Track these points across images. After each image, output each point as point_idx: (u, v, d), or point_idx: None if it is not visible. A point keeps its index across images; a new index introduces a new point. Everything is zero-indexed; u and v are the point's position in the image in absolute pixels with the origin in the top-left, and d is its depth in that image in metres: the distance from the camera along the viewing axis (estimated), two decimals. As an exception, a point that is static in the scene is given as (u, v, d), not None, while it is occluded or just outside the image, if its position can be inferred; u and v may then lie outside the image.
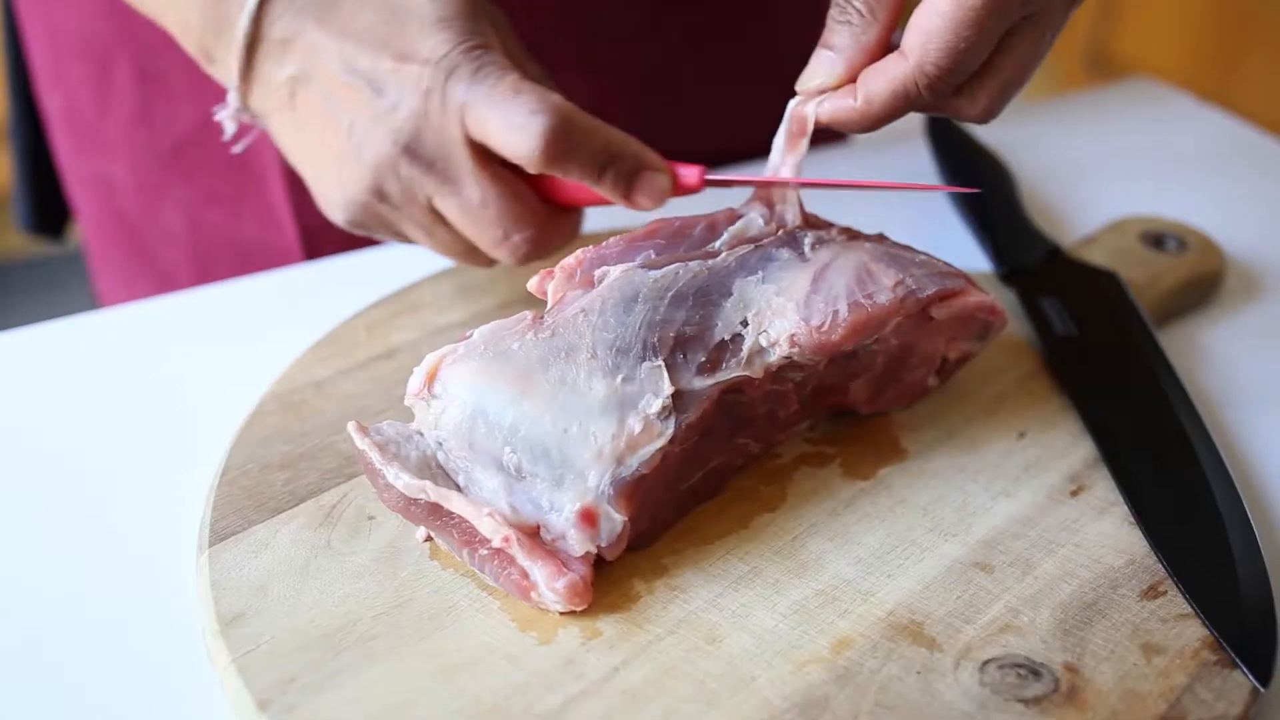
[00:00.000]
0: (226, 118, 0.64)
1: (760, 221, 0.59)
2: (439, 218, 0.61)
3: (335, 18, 0.59)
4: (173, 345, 0.68)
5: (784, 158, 0.59)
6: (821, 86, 0.57)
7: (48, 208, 0.98)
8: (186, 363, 0.67)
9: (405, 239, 0.63)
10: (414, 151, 0.58)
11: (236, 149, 0.70)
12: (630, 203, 0.60)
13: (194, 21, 0.62)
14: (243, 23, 0.60)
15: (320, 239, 0.82)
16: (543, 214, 0.61)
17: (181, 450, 0.61)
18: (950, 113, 0.58)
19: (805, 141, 0.58)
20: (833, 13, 0.57)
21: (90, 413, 0.63)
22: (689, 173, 0.60)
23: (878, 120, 0.57)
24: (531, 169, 0.57)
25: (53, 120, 0.89)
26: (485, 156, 0.59)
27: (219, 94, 0.74)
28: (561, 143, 0.56)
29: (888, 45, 0.57)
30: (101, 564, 0.55)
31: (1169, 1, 2.53)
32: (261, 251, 0.84)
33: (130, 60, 0.80)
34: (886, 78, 0.55)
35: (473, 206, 0.59)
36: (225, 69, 0.62)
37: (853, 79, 0.57)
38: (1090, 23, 2.60)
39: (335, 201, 0.62)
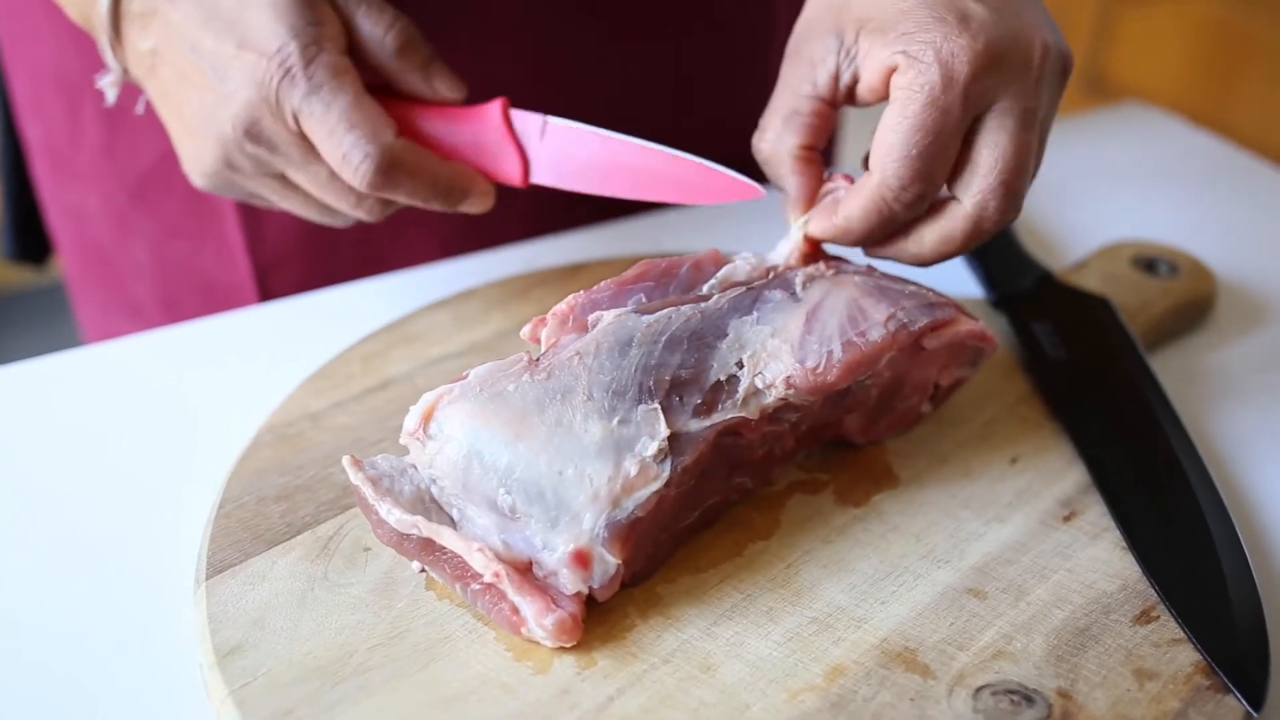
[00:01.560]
0: (107, 84, 0.67)
1: (746, 267, 0.60)
2: (291, 184, 0.63)
3: (178, 2, 0.61)
4: (169, 378, 0.69)
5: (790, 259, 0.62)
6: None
7: (31, 236, 0.98)
8: (181, 396, 0.67)
9: (266, 201, 0.66)
10: (254, 135, 0.61)
11: (138, 109, 0.71)
12: (430, 87, 0.64)
13: (70, 6, 0.65)
14: (103, 4, 0.63)
15: (273, 275, 0.82)
16: (390, 135, 0.61)
17: (178, 483, 0.61)
18: (964, 230, 0.58)
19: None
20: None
21: (87, 446, 0.64)
22: (510, 168, 0.64)
23: (862, 237, 0.59)
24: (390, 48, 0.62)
25: (33, 150, 0.90)
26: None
27: None
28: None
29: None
30: (97, 597, 0.55)
31: (1165, 25, 2.54)
32: (220, 286, 0.85)
33: (95, 93, 0.81)
34: (859, 196, 0.58)
35: (321, 179, 0.62)
36: (99, 40, 0.65)
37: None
38: (1086, 46, 2.61)
39: (193, 170, 0.65)
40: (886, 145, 0.56)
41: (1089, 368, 0.66)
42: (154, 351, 0.71)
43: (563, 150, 0.64)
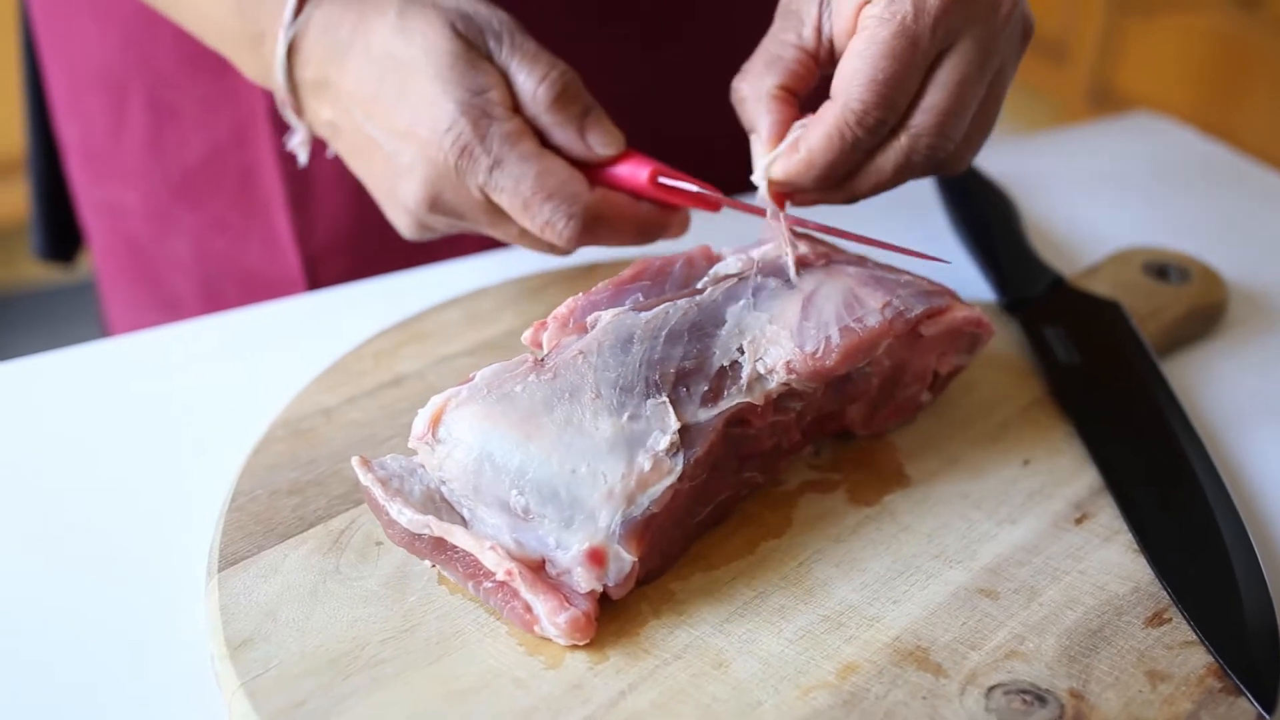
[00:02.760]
0: (298, 146, 0.68)
1: (736, 263, 0.60)
2: (499, 213, 0.63)
3: (345, 74, 0.62)
4: (180, 373, 0.69)
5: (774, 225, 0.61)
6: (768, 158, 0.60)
7: (61, 235, 0.99)
8: (194, 390, 0.67)
9: (479, 231, 0.66)
10: (438, 206, 0.62)
11: (300, 161, 0.72)
12: (586, 146, 0.63)
13: (249, 68, 0.66)
14: (279, 76, 0.64)
15: (322, 267, 0.83)
16: (584, 190, 0.61)
17: (189, 477, 0.61)
18: (893, 163, 0.59)
19: (780, 209, 0.61)
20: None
21: (99, 439, 0.64)
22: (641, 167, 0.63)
23: (825, 170, 0.58)
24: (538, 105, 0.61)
25: (69, 149, 0.91)
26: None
27: (227, 124, 0.75)
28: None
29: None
30: (109, 589, 0.55)
31: (1170, 38, 2.55)
32: (265, 280, 0.85)
33: (143, 91, 0.82)
34: (820, 124, 0.58)
35: (514, 233, 0.63)
36: (284, 108, 0.66)
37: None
38: (1092, 58, 2.62)
39: (396, 225, 0.66)
40: (851, 70, 0.56)
41: (1101, 371, 0.66)
42: (167, 346, 0.71)
43: None
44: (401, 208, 0.63)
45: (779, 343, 0.56)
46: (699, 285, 0.59)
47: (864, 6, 0.57)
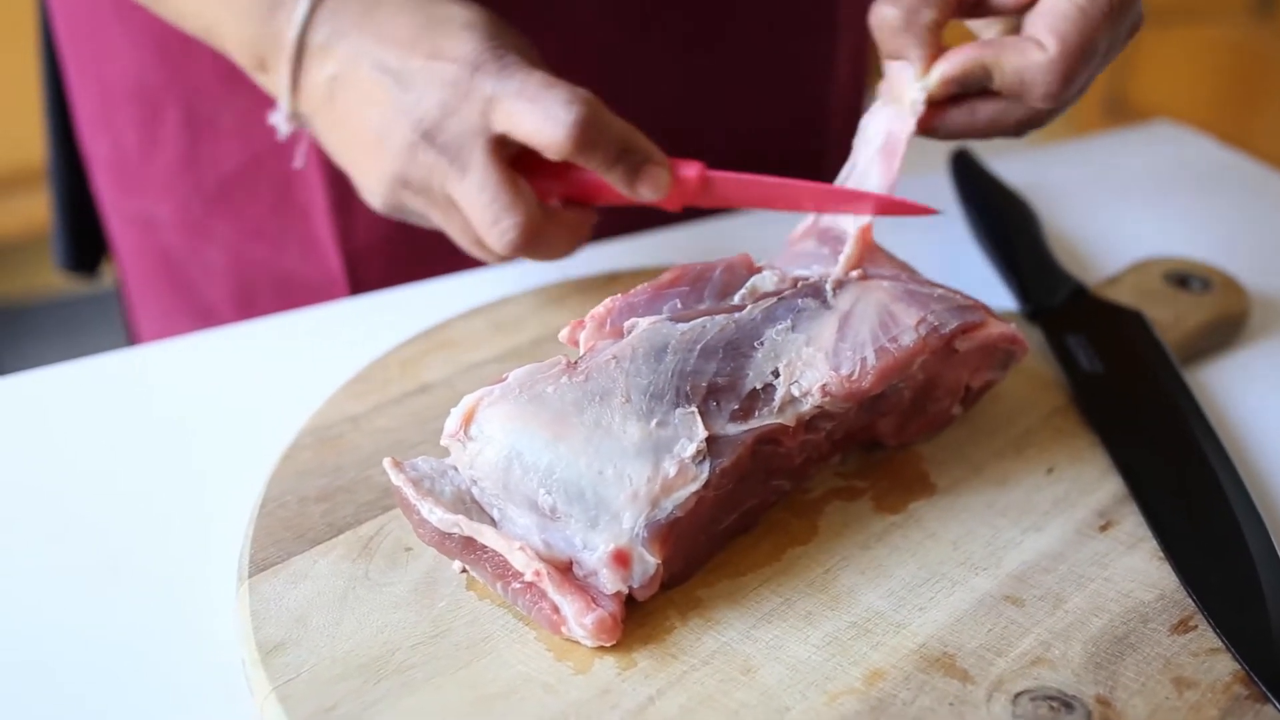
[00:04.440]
0: (280, 121, 0.69)
1: (773, 278, 0.60)
2: (453, 204, 0.65)
3: (372, 22, 0.64)
4: (207, 380, 0.69)
5: (876, 178, 0.63)
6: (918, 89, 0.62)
7: (83, 246, 1.00)
8: (220, 398, 0.68)
9: (433, 224, 0.68)
10: (432, 138, 0.63)
11: (297, 162, 0.75)
12: (633, 192, 0.65)
13: (248, 37, 0.67)
14: (291, 34, 0.65)
15: (363, 266, 0.84)
16: (535, 210, 0.64)
17: (215, 484, 0.62)
18: (1008, 117, 0.63)
19: (898, 162, 0.63)
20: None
21: (131, 447, 0.64)
22: (689, 169, 0.65)
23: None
24: (556, 155, 0.62)
25: (96, 163, 0.92)
26: (499, 149, 0.63)
27: (264, 133, 0.76)
28: (589, 132, 0.62)
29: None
30: (138, 596, 0.56)
31: (1184, 49, 2.55)
32: (303, 284, 0.86)
33: (179, 105, 0.83)
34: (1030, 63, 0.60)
35: (472, 191, 0.63)
36: (277, 76, 0.67)
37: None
38: (1108, 69, 2.62)
39: (370, 189, 0.67)
40: (1066, 17, 0.59)
41: (1124, 380, 0.67)
42: (193, 354, 0.72)
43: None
44: (391, 151, 0.64)
45: (814, 366, 0.56)
46: (737, 300, 0.59)
47: None
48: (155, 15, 0.75)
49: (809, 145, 0.94)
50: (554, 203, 0.67)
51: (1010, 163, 0.94)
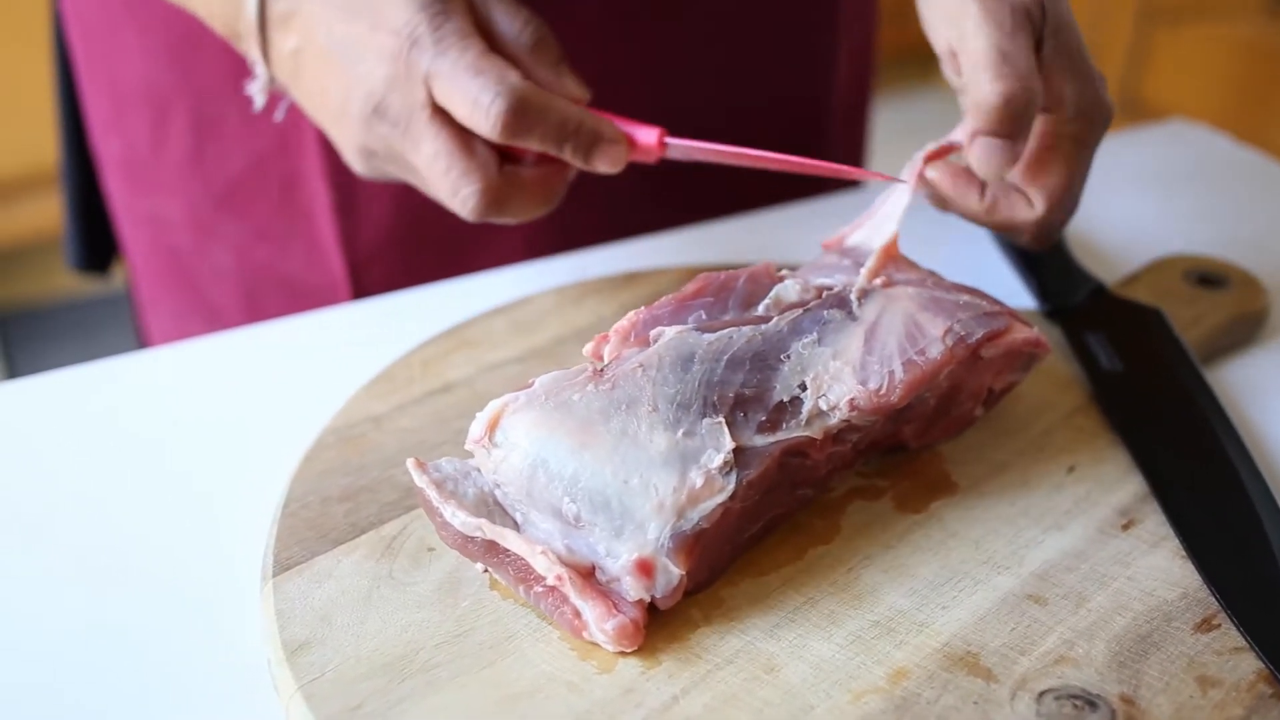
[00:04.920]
0: (256, 90, 0.69)
1: (797, 287, 0.60)
2: (438, 125, 0.64)
3: None
4: (228, 382, 0.70)
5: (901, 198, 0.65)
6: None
7: (95, 247, 1.01)
8: (241, 399, 0.68)
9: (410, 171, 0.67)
10: (383, 113, 0.63)
11: (277, 115, 0.75)
12: (592, 169, 0.65)
13: (218, 8, 0.68)
14: (250, 10, 0.66)
15: (366, 271, 0.84)
16: (493, 176, 0.64)
17: (239, 486, 0.62)
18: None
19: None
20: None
21: (148, 449, 0.65)
22: (647, 135, 0.65)
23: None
24: (491, 139, 0.62)
25: (108, 163, 0.92)
26: (445, 117, 0.63)
27: (271, 134, 0.76)
28: (518, 122, 0.61)
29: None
30: (161, 597, 0.56)
31: (1198, 47, 2.55)
32: (307, 287, 0.86)
33: (187, 106, 0.83)
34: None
35: (427, 162, 0.63)
36: (249, 47, 0.67)
37: None
38: (1121, 68, 2.61)
39: (346, 155, 0.67)
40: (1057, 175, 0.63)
41: (1144, 378, 0.67)
42: (214, 356, 0.72)
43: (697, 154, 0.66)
44: (351, 123, 0.64)
45: (842, 380, 0.56)
46: (762, 310, 0.59)
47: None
48: (167, 16, 0.75)
49: (809, 141, 0.95)
50: (528, 159, 0.66)
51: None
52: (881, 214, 0.65)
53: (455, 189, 0.63)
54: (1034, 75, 0.60)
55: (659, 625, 0.52)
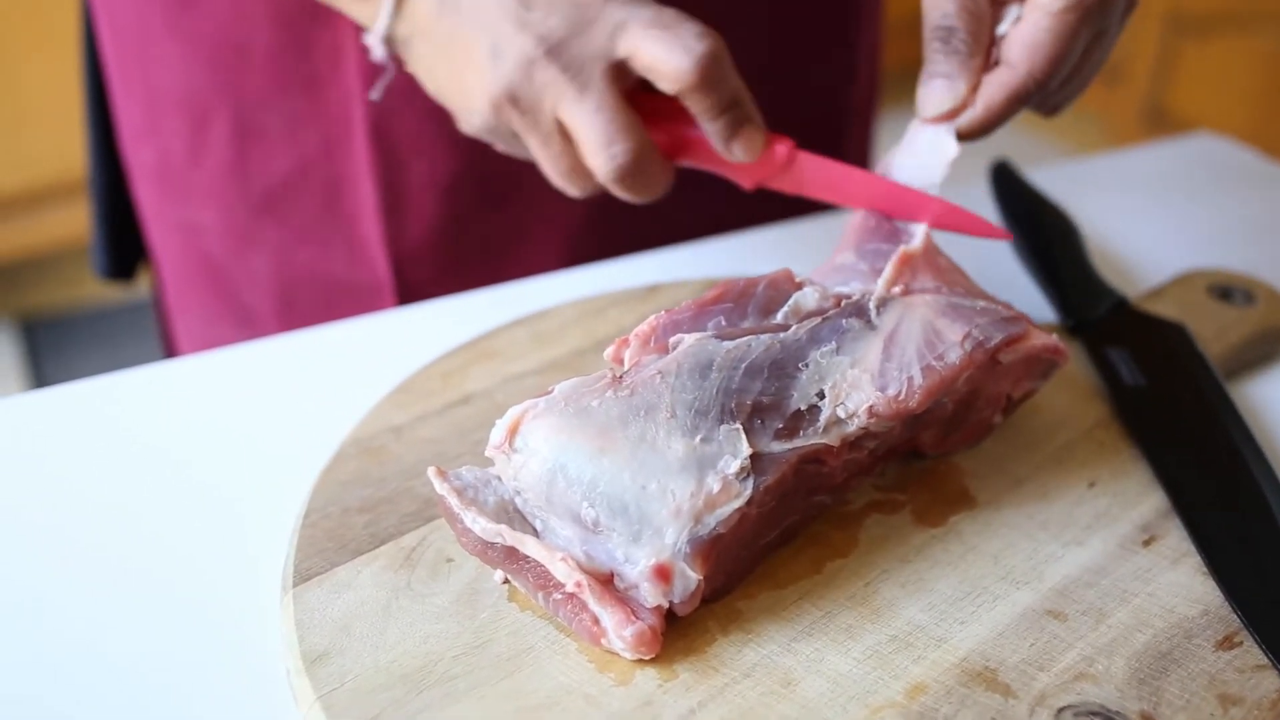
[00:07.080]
0: (375, 41, 0.69)
1: (815, 294, 0.61)
2: (558, 128, 0.65)
3: None
4: (249, 392, 0.70)
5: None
6: (951, 110, 0.64)
7: (122, 254, 1.02)
8: (261, 409, 0.69)
9: (526, 151, 0.68)
10: (556, 55, 0.64)
11: (374, 94, 0.75)
12: (727, 149, 0.65)
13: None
14: None
15: (411, 269, 0.84)
16: (646, 139, 0.65)
17: (261, 496, 0.62)
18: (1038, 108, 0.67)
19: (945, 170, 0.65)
20: (936, 45, 0.64)
21: (171, 458, 0.65)
22: (781, 144, 0.66)
23: (996, 125, 0.64)
24: (676, 86, 0.63)
25: (139, 171, 0.93)
26: (617, 76, 0.64)
27: (316, 139, 0.77)
28: (713, 69, 0.62)
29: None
30: (181, 606, 0.56)
31: (1224, 59, 2.53)
32: (349, 287, 0.87)
33: (228, 113, 0.84)
34: (1002, 88, 0.63)
35: (589, 111, 0.64)
36: (376, 4, 0.68)
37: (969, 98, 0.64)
38: (1147, 79, 2.60)
39: (474, 109, 0.67)
40: (1039, 43, 0.62)
41: (1166, 393, 0.66)
42: (238, 366, 0.73)
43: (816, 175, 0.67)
44: (501, 69, 0.64)
45: (860, 387, 0.57)
46: (781, 318, 0.60)
47: None
48: (208, 27, 0.75)
49: (829, 144, 0.95)
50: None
51: (1050, 174, 0.94)
52: (927, 158, 0.65)
53: (610, 142, 0.64)
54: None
55: (676, 637, 0.52)
